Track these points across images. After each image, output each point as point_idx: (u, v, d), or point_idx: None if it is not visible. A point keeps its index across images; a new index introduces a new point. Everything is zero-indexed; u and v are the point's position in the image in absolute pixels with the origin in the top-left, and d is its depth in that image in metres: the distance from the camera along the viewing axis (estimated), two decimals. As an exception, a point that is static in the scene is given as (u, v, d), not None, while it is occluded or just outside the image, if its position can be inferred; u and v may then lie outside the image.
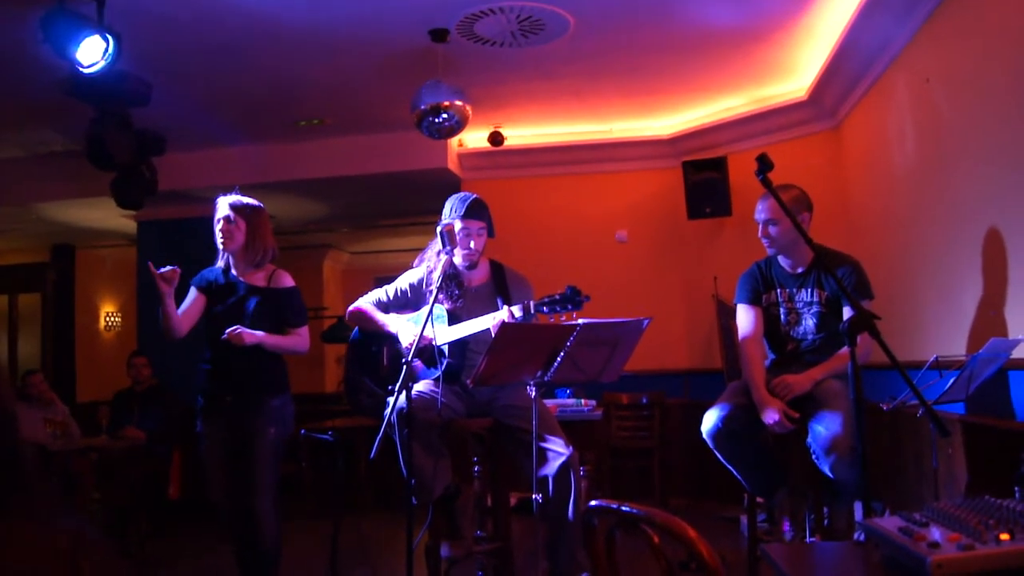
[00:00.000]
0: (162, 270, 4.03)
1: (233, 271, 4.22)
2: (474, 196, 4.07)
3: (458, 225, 3.95)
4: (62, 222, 9.53)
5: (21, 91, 6.11)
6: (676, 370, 7.66)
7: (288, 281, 4.26)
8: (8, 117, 6.81)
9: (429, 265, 4.14)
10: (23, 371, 7.64)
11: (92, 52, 4.47)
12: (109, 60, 4.50)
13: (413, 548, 3.25)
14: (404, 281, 4.21)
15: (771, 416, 3.60)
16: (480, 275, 4.14)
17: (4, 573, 0.91)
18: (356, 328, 4.30)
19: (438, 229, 3.86)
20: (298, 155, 7.93)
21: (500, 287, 4.08)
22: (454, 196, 4.11)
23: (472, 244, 3.99)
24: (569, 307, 3.59)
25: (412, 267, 4.26)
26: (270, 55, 5.74)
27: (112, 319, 11.49)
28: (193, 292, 4.26)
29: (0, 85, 6.01)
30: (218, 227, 4.16)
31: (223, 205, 4.19)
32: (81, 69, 4.52)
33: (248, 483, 4.01)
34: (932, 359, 3.44)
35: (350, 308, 4.29)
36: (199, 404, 4.20)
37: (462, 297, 4.02)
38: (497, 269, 4.17)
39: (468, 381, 3.59)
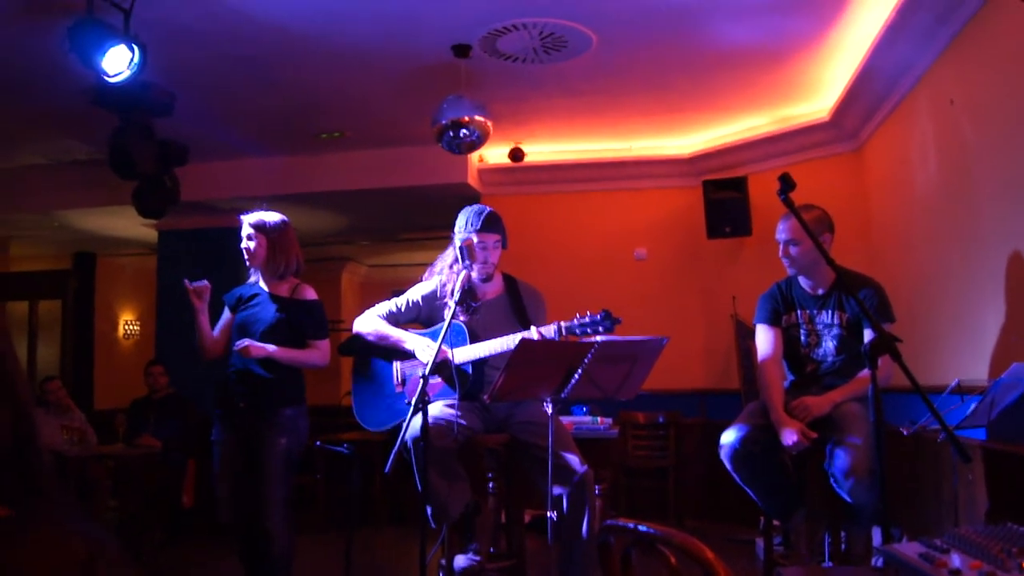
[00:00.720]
0: (194, 284, 4.09)
1: (260, 283, 4.30)
2: (489, 209, 4.07)
3: (475, 239, 3.94)
4: (84, 230, 9.60)
5: (46, 99, 6.17)
6: (693, 390, 7.62)
7: (311, 294, 4.32)
8: (33, 125, 6.88)
9: (442, 278, 4.12)
10: (41, 377, 7.69)
11: (118, 62, 4.50)
12: (134, 70, 4.53)
13: (426, 562, 3.24)
14: (416, 293, 4.18)
15: (789, 437, 3.57)
16: (494, 288, 4.12)
17: (19, 575, 0.91)
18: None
19: (457, 242, 3.86)
20: (318, 168, 7.96)
21: (514, 300, 4.06)
22: (468, 209, 4.10)
23: (488, 257, 3.99)
24: (600, 330, 3.57)
25: (422, 280, 4.24)
26: (292, 68, 5.77)
27: (131, 327, 11.55)
28: (226, 312, 4.37)
29: (26, 93, 6.07)
30: (242, 245, 4.24)
31: (244, 224, 4.28)
32: (106, 78, 4.55)
33: (257, 493, 4.03)
34: (954, 383, 3.40)
35: (359, 321, 4.23)
36: (217, 412, 4.23)
37: (477, 311, 4.00)
38: (510, 282, 4.16)
39: (485, 397, 3.57)
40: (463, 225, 4.03)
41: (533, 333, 3.64)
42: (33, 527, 0.98)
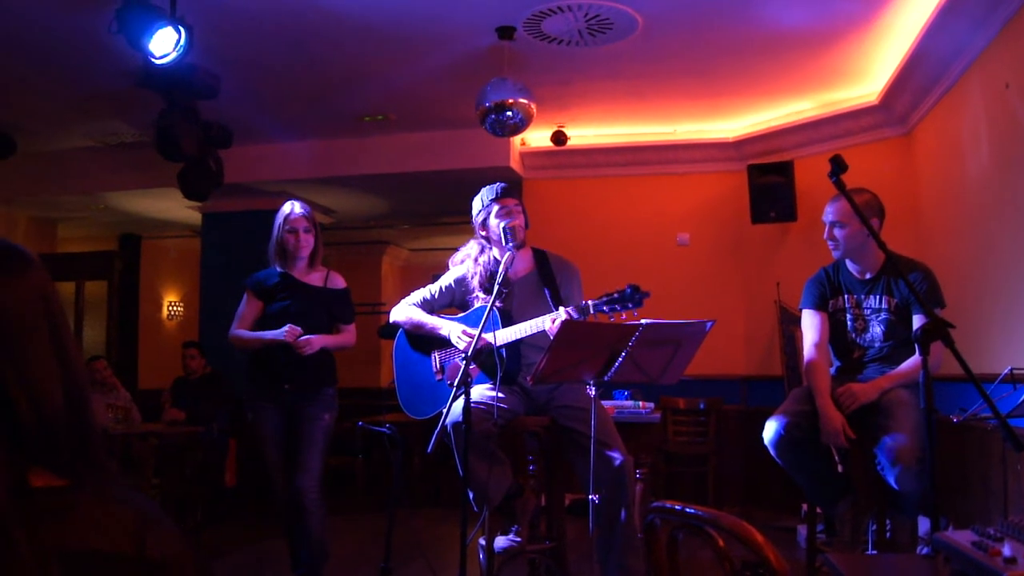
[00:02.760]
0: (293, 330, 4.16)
1: (292, 273, 4.33)
2: (503, 183, 4.08)
3: (495, 208, 3.92)
4: (129, 212, 9.73)
5: (93, 81, 6.24)
6: (734, 376, 7.57)
7: (342, 282, 4.52)
8: (80, 107, 6.96)
9: (469, 270, 4.07)
10: (88, 357, 7.80)
11: (164, 44, 4.54)
12: (181, 52, 4.57)
13: (467, 543, 3.24)
14: (449, 277, 4.14)
15: (829, 430, 3.51)
16: (524, 264, 4.06)
17: (71, 543, 0.92)
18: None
19: (501, 226, 3.84)
20: (362, 151, 7.98)
21: (545, 275, 4.00)
22: (480, 191, 4.10)
23: (516, 220, 3.93)
24: (629, 305, 3.54)
25: (449, 266, 4.22)
26: (336, 50, 5.78)
27: (175, 308, 11.69)
28: (253, 299, 4.41)
29: (74, 75, 6.14)
30: (293, 235, 4.30)
31: (300, 213, 4.30)
32: (153, 60, 4.59)
33: (298, 464, 4.17)
34: (1006, 371, 3.33)
35: (395, 311, 4.20)
36: (251, 392, 4.30)
37: (508, 294, 3.95)
38: (540, 256, 4.10)
39: (528, 379, 3.55)
40: (481, 203, 4.01)
41: (562, 314, 3.60)
42: (85, 497, 0.98)
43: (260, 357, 4.28)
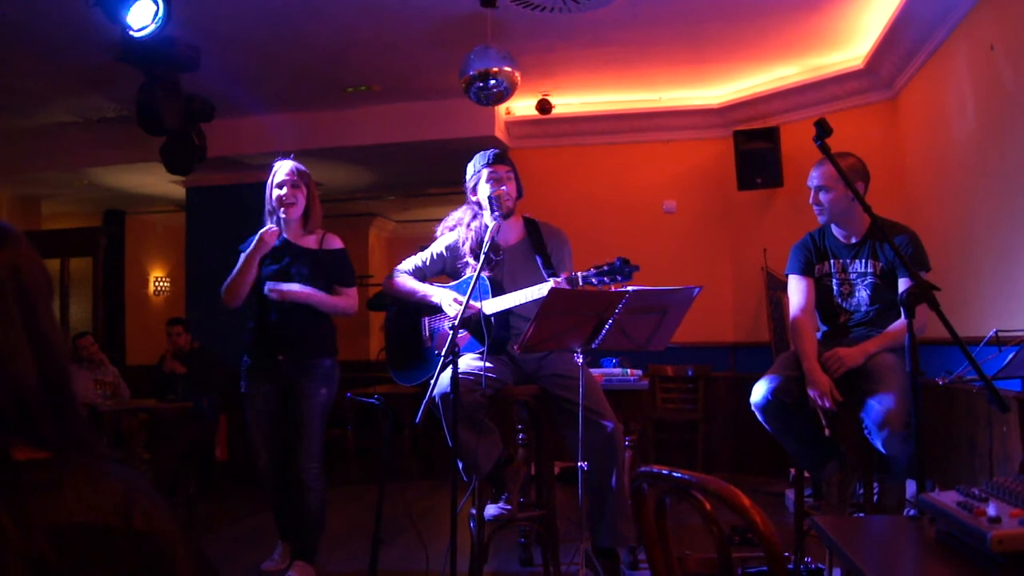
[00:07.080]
0: (270, 230, 4.05)
1: (284, 234, 4.23)
2: (496, 149, 4.06)
3: (485, 174, 3.91)
4: (113, 187, 9.66)
5: (73, 56, 6.17)
6: (722, 343, 7.60)
7: (338, 243, 4.33)
8: (61, 82, 6.88)
9: (460, 236, 4.05)
10: (74, 334, 7.76)
11: (142, 16, 4.49)
12: (159, 24, 4.52)
13: (457, 512, 3.25)
14: (440, 245, 4.13)
15: (816, 393, 3.53)
16: (515, 233, 4.05)
17: (58, 517, 0.91)
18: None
19: (486, 195, 3.82)
20: (346, 122, 7.93)
21: (536, 243, 4.00)
22: (474, 156, 4.08)
23: (505, 188, 3.91)
24: (619, 278, 3.53)
25: (436, 235, 4.20)
26: (319, 21, 5.72)
27: (161, 284, 11.66)
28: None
29: (52, 50, 6.07)
30: (280, 191, 4.16)
31: (286, 169, 4.18)
32: (132, 33, 4.54)
33: (297, 444, 4.07)
34: (991, 334, 3.35)
35: (389, 278, 4.19)
36: (244, 364, 4.24)
37: (499, 263, 3.94)
38: (531, 225, 4.09)
39: (515, 348, 3.55)
40: (472, 169, 4.00)
41: (552, 284, 3.59)
42: (70, 469, 0.98)
43: (257, 327, 4.20)
